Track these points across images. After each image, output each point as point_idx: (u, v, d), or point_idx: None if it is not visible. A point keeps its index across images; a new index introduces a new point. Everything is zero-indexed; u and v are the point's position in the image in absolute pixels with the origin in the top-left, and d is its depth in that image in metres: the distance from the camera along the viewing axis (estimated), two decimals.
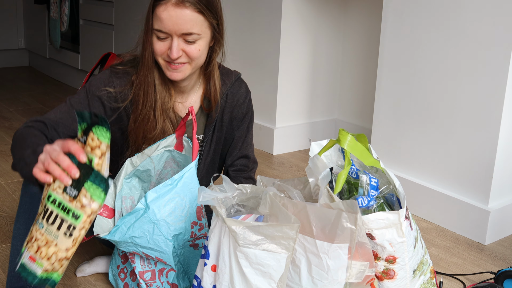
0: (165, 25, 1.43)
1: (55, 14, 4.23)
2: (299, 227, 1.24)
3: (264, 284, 1.25)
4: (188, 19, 1.43)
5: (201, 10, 1.44)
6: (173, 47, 1.45)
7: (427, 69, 2.15)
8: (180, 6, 1.42)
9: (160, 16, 1.43)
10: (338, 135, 1.38)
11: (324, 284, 1.27)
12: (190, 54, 1.47)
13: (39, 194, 1.44)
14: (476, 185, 2.05)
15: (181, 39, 1.45)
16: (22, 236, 1.43)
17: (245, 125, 1.71)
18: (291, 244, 1.23)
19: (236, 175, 1.71)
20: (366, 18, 2.94)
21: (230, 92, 1.65)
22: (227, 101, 1.65)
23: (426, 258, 1.49)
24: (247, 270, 1.25)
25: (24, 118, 3.38)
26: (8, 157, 2.70)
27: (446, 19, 2.06)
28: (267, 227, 1.22)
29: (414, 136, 2.23)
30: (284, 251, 1.24)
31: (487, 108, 1.98)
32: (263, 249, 1.24)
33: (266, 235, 1.23)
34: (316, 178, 1.39)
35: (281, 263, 1.24)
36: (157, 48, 1.47)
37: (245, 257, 1.24)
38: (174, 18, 1.42)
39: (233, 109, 1.66)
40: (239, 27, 3.05)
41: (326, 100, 3.12)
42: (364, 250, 1.29)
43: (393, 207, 1.40)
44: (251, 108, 1.72)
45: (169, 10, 1.42)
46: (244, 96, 1.68)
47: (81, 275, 1.71)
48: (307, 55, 2.95)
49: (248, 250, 1.24)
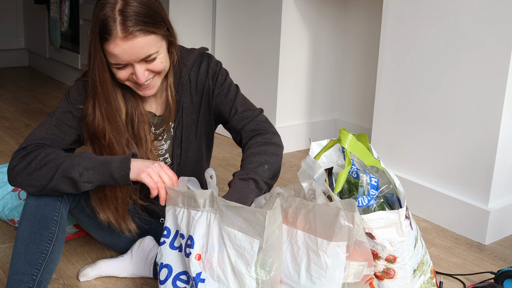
0: (122, 59, 1.40)
1: (55, 14, 4.23)
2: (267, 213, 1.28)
3: (243, 268, 1.30)
4: (141, 45, 1.39)
5: (150, 30, 1.40)
6: (138, 73, 1.42)
7: (427, 69, 2.15)
8: (129, 38, 1.37)
9: (113, 53, 1.39)
10: (339, 134, 1.38)
11: (322, 283, 1.27)
12: (155, 70, 1.45)
13: (44, 197, 1.44)
14: (476, 185, 2.05)
15: (142, 62, 1.43)
16: (26, 239, 1.42)
17: (221, 91, 1.60)
18: (261, 230, 1.27)
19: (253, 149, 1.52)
20: (366, 18, 2.94)
21: (192, 71, 1.60)
22: (191, 82, 1.60)
23: (426, 258, 1.49)
24: (230, 251, 1.31)
25: (24, 118, 3.38)
26: (8, 156, 2.70)
27: (446, 19, 2.06)
28: (244, 210, 1.29)
29: (414, 136, 2.23)
30: (256, 236, 1.28)
31: (487, 108, 1.98)
32: (241, 230, 1.29)
33: (244, 217, 1.29)
34: (309, 182, 1.39)
35: (253, 248, 1.28)
36: (120, 76, 1.45)
37: (228, 237, 1.31)
38: (128, 50, 1.39)
39: (200, 87, 1.61)
40: (239, 27, 3.05)
41: (326, 100, 3.12)
42: (362, 249, 1.29)
43: (393, 207, 1.40)
44: (218, 77, 1.60)
45: (120, 45, 1.38)
46: (205, 71, 1.60)
47: (84, 280, 1.70)
48: (307, 55, 2.95)
49: (230, 230, 1.30)
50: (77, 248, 1.88)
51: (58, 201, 1.46)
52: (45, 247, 1.42)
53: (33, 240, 1.42)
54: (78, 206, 1.57)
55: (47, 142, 1.47)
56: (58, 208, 1.46)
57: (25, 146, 1.44)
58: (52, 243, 1.44)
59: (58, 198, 1.46)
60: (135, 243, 1.73)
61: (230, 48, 3.12)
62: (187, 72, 1.59)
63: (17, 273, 1.39)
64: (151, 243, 1.71)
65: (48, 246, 1.43)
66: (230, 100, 1.59)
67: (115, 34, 1.37)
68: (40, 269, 1.41)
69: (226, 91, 1.60)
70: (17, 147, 2.83)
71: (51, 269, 1.44)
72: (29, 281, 1.39)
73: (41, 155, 1.41)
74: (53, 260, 1.45)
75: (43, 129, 1.49)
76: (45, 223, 1.43)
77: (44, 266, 1.42)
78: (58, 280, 1.69)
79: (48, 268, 1.43)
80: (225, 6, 3.11)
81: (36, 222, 1.43)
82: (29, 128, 3.20)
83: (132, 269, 1.70)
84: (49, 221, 1.44)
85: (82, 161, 1.39)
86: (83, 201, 1.57)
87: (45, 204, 1.45)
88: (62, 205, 1.48)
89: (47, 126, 1.50)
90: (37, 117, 3.42)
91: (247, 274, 1.29)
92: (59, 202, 1.47)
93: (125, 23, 1.37)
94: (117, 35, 1.37)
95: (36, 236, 1.42)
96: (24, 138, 3.00)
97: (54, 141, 1.48)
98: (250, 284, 1.30)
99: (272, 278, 1.32)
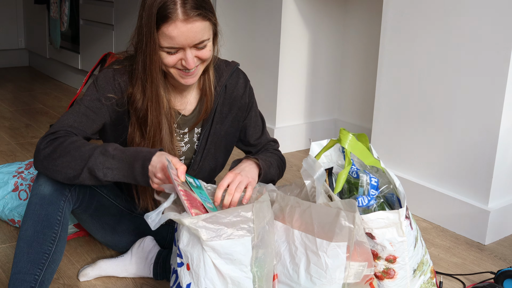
0: (177, 42, 1.42)
1: (55, 14, 4.23)
2: (253, 206, 1.28)
3: (237, 271, 1.29)
4: (199, 30, 1.42)
5: (207, 16, 1.43)
6: (189, 58, 1.44)
7: (427, 69, 2.15)
8: (189, 20, 1.40)
9: (171, 35, 1.41)
10: (339, 134, 1.38)
11: (322, 283, 1.27)
12: (203, 57, 1.47)
13: (48, 196, 1.44)
14: (476, 185, 2.05)
15: (194, 48, 1.45)
16: (30, 238, 1.41)
17: (252, 113, 1.71)
18: (251, 226, 1.27)
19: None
20: (366, 18, 2.94)
21: (229, 83, 1.64)
22: (226, 93, 1.64)
23: (426, 258, 1.49)
24: (217, 262, 1.29)
25: (24, 118, 3.38)
26: (8, 156, 2.70)
27: (446, 19, 2.06)
28: (223, 215, 1.27)
29: (414, 136, 2.23)
30: (247, 234, 1.27)
31: (487, 108, 1.98)
32: (227, 238, 1.27)
33: (225, 224, 1.27)
34: (312, 180, 1.39)
35: (247, 246, 1.28)
36: (169, 61, 1.46)
37: (212, 250, 1.28)
38: (186, 33, 1.41)
39: (234, 101, 1.65)
40: (239, 27, 3.05)
41: (326, 100, 3.12)
42: (362, 249, 1.30)
43: (393, 207, 1.41)
44: (253, 96, 1.72)
45: (180, 27, 1.40)
46: (243, 86, 1.67)
47: (84, 279, 1.70)
48: (307, 55, 2.95)
49: (214, 243, 1.27)
50: (77, 248, 1.88)
51: (61, 201, 1.46)
52: (48, 247, 1.42)
53: (36, 240, 1.42)
54: (82, 205, 1.56)
55: (74, 130, 1.47)
56: (62, 207, 1.46)
57: (53, 132, 1.45)
58: (55, 243, 1.44)
59: (61, 197, 1.46)
60: (135, 243, 1.73)
61: (230, 48, 3.12)
62: (224, 82, 1.62)
63: (20, 272, 1.39)
64: (151, 243, 1.71)
65: (51, 246, 1.43)
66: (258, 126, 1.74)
67: (176, 16, 1.39)
68: (43, 269, 1.41)
69: (253, 115, 1.71)
70: (17, 147, 2.84)
71: (53, 269, 1.44)
72: (32, 280, 1.39)
73: (68, 143, 1.41)
74: (56, 260, 1.45)
75: (71, 116, 1.50)
76: (48, 222, 1.43)
77: (47, 266, 1.42)
78: (58, 280, 1.69)
79: (50, 268, 1.43)
80: (225, 6, 3.11)
81: (40, 221, 1.42)
82: (29, 128, 3.20)
83: (132, 269, 1.70)
84: (53, 221, 1.44)
85: (107, 161, 1.38)
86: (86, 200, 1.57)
87: (48, 203, 1.44)
88: (66, 204, 1.47)
89: (75, 114, 1.51)
90: (37, 117, 3.42)
91: (244, 276, 1.29)
92: (63, 201, 1.46)
93: (185, 6, 1.40)
94: (178, 17, 1.39)
95: (40, 236, 1.42)
96: (24, 138, 3.00)
97: (81, 130, 1.49)
98: (248, 285, 1.30)
99: (266, 274, 1.32)
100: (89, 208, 1.59)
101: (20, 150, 2.79)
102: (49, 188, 1.44)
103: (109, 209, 1.66)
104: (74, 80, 4.30)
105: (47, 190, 1.44)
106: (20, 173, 2.05)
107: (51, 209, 1.44)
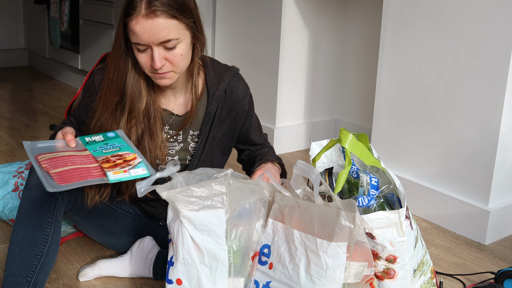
0: (141, 38, 1.42)
1: (55, 14, 4.23)
2: (225, 180, 1.33)
3: (212, 243, 1.33)
4: (162, 27, 1.41)
5: (174, 14, 1.42)
6: (155, 57, 1.43)
7: (427, 69, 2.15)
8: (151, 16, 1.40)
9: (134, 30, 1.42)
10: (339, 134, 1.38)
11: (322, 283, 1.27)
12: (173, 61, 1.46)
13: (39, 200, 1.44)
14: (476, 185, 2.05)
15: (161, 47, 1.44)
16: (21, 242, 1.41)
17: (253, 119, 1.73)
18: (224, 198, 1.32)
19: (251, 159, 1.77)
20: (366, 18, 2.94)
21: (229, 87, 1.64)
22: (226, 97, 1.64)
23: (427, 258, 1.49)
24: (194, 234, 1.33)
25: (24, 118, 3.38)
26: (8, 156, 2.70)
27: (446, 19, 2.06)
28: (197, 189, 1.32)
29: (414, 136, 2.23)
30: (220, 206, 1.32)
31: (487, 108, 1.98)
32: (202, 208, 1.32)
33: (200, 197, 1.32)
34: (303, 188, 1.41)
35: (221, 218, 1.33)
36: (141, 61, 1.47)
37: (188, 222, 1.33)
38: (148, 29, 1.40)
39: (234, 105, 1.65)
40: (239, 27, 3.05)
41: (326, 100, 3.12)
42: (363, 249, 1.30)
43: (393, 207, 1.40)
44: (252, 103, 1.72)
45: (141, 23, 1.40)
46: (244, 92, 1.67)
47: (84, 280, 1.69)
48: (307, 55, 2.95)
49: (189, 214, 1.32)
50: (77, 248, 1.88)
51: (52, 203, 1.46)
52: (40, 249, 1.42)
53: (27, 242, 1.41)
54: (74, 208, 1.56)
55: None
56: (53, 210, 1.46)
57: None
58: (47, 245, 1.43)
59: (52, 200, 1.46)
60: (135, 243, 1.73)
61: (230, 48, 3.12)
62: (224, 86, 1.62)
63: (12, 275, 1.39)
64: (150, 244, 1.71)
65: (43, 248, 1.42)
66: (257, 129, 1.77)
67: (139, 11, 1.40)
68: (35, 270, 1.40)
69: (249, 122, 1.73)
70: (17, 147, 2.84)
71: (47, 270, 1.44)
72: (24, 282, 1.38)
73: None
74: (48, 262, 1.44)
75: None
76: (39, 225, 1.43)
77: (39, 268, 1.41)
78: (58, 280, 1.69)
79: (43, 270, 1.42)
80: (225, 6, 3.11)
81: (31, 224, 1.42)
82: (29, 128, 3.20)
83: (132, 269, 1.70)
84: (44, 223, 1.44)
85: None
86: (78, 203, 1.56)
87: (39, 206, 1.44)
88: (57, 207, 1.47)
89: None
90: (37, 117, 3.42)
91: (219, 247, 1.33)
92: (54, 204, 1.46)
93: (151, 2, 1.40)
94: (140, 12, 1.40)
95: (31, 238, 1.42)
96: (24, 138, 3.00)
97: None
98: (223, 257, 1.34)
99: (244, 249, 1.36)
100: (82, 210, 1.59)
101: (20, 150, 2.79)
102: (39, 192, 1.44)
103: (103, 211, 1.66)
104: (74, 80, 4.30)
105: (37, 194, 1.44)
106: (21, 173, 2.05)
107: (42, 211, 1.44)
